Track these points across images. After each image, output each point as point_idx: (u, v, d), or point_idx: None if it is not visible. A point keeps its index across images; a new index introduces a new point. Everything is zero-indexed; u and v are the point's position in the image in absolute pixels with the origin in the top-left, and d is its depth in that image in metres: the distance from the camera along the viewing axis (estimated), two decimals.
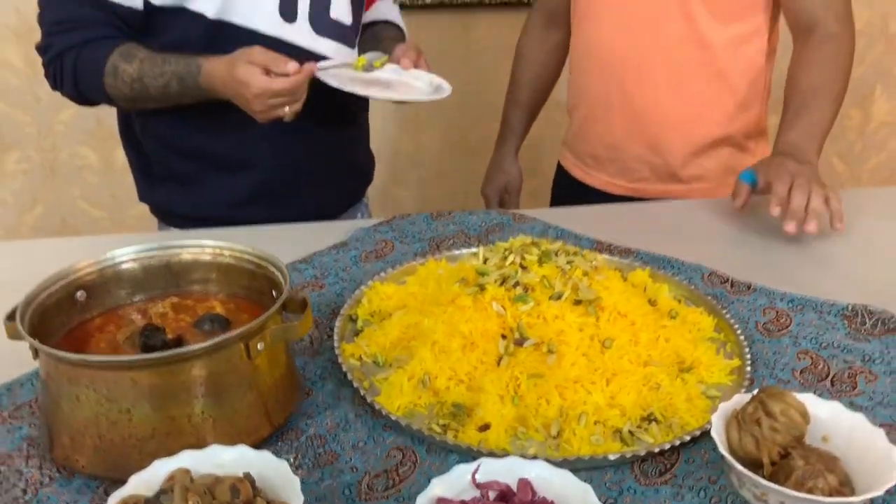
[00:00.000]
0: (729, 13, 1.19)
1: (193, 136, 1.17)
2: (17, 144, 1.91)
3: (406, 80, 1.11)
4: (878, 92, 2.23)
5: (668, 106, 1.24)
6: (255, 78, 1.00)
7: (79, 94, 1.13)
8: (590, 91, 1.31)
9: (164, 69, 1.07)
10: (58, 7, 1.10)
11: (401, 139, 2.07)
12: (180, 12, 1.09)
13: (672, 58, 1.21)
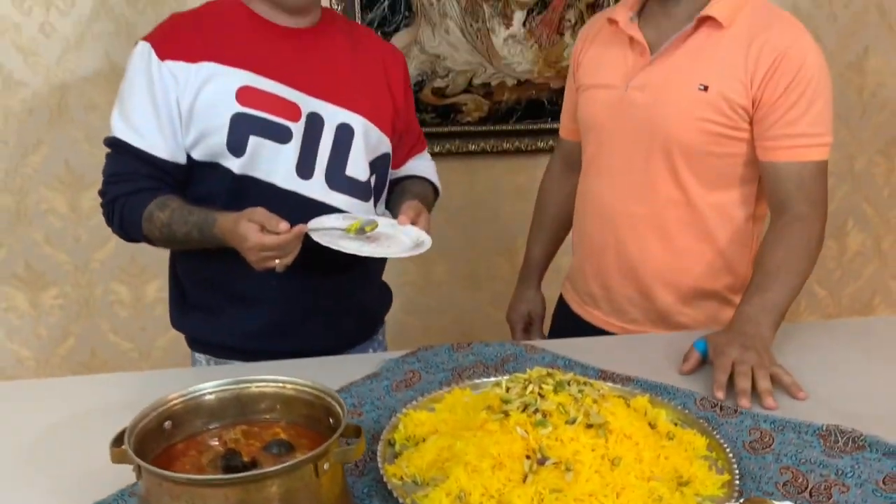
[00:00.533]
0: (714, 182, 1.33)
1: (217, 272, 1.35)
2: (56, 282, 2.06)
3: (394, 235, 1.27)
4: (850, 224, 2.44)
5: (658, 258, 1.38)
6: (250, 233, 1.17)
7: (124, 233, 1.34)
8: (588, 235, 1.47)
9: (188, 219, 1.26)
10: (116, 162, 1.32)
11: (411, 271, 2.24)
12: (214, 167, 1.30)
13: (662, 215, 1.36)
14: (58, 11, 1.88)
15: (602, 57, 1.41)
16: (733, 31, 1.28)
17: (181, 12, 1.37)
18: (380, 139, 1.39)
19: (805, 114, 1.26)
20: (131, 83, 1.29)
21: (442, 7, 2.02)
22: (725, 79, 1.27)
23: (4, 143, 1.94)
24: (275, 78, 1.28)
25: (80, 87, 1.94)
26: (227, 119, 1.26)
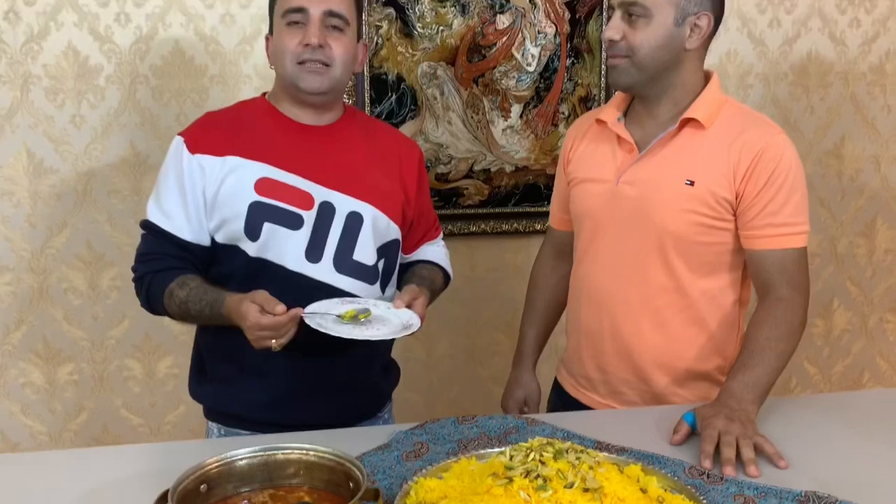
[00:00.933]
0: (702, 269, 1.43)
1: (233, 347, 1.44)
2: (72, 358, 2.15)
3: (386, 317, 1.36)
4: (836, 304, 2.55)
5: (653, 341, 1.47)
6: (250, 313, 1.28)
7: (149, 307, 1.46)
8: (584, 320, 1.55)
9: (202, 298, 1.38)
10: (147, 243, 1.46)
11: (415, 348, 2.33)
12: (232, 249, 1.43)
13: (654, 301, 1.45)
14: (88, 104, 2.04)
15: (593, 153, 1.53)
16: (714, 131, 1.41)
17: (215, 111, 1.53)
18: (389, 226, 1.51)
19: (785, 205, 1.38)
20: (166, 172, 1.43)
21: (445, 101, 2.18)
22: (710, 174, 1.39)
23: (32, 225, 2.06)
24: (291, 170, 1.42)
25: (104, 173, 2.07)
26: (245, 207, 1.39)
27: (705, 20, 1.39)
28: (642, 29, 1.37)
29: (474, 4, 2.14)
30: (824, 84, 2.41)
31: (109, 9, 2.01)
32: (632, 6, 1.37)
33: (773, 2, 2.33)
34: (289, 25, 1.41)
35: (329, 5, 1.40)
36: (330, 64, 1.41)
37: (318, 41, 1.38)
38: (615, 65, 1.41)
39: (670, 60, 1.40)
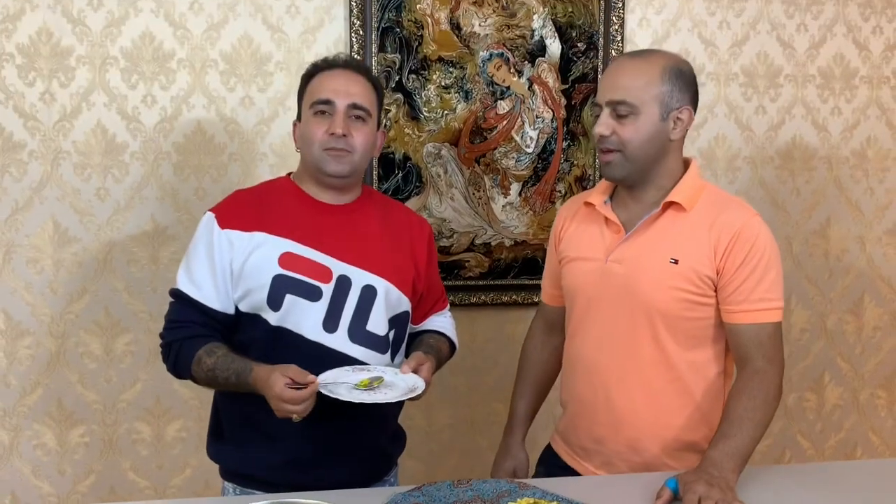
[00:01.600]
0: (688, 342, 1.52)
1: (250, 411, 1.54)
2: (84, 420, 2.23)
3: (394, 383, 1.47)
4: (826, 379, 2.62)
5: (644, 413, 1.54)
6: (276, 385, 1.39)
7: (176, 373, 1.56)
8: (579, 393, 1.63)
9: (229, 366, 1.48)
10: (176, 310, 1.57)
11: (416, 417, 2.40)
12: (255, 318, 1.54)
13: (646, 374, 1.53)
14: (113, 178, 2.18)
15: (583, 233, 1.64)
16: (694, 214, 1.52)
17: (243, 189, 1.68)
18: (400, 299, 1.62)
19: (760, 282, 1.48)
20: (196, 245, 1.56)
21: (448, 179, 2.31)
22: (693, 254, 1.50)
23: (54, 291, 2.17)
24: (312, 246, 1.54)
25: (124, 243, 2.20)
26: (269, 279, 1.51)
27: (686, 113, 1.53)
28: (631, 125, 1.49)
29: (477, 91, 2.30)
30: (809, 168, 2.54)
31: (137, 91, 2.16)
32: (619, 105, 1.49)
33: (758, 90, 2.49)
34: (316, 115, 1.56)
35: (353, 99, 1.55)
36: (352, 151, 1.55)
37: (342, 131, 1.53)
38: (608, 160, 1.53)
39: (657, 152, 1.53)
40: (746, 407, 1.44)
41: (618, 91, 1.50)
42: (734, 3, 2.45)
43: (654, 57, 1.55)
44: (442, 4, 2.25)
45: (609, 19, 2.35)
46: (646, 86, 1.49)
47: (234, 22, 2.20)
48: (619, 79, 1.51)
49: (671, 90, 1.50)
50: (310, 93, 1.59)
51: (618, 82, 1.50)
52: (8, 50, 2.09)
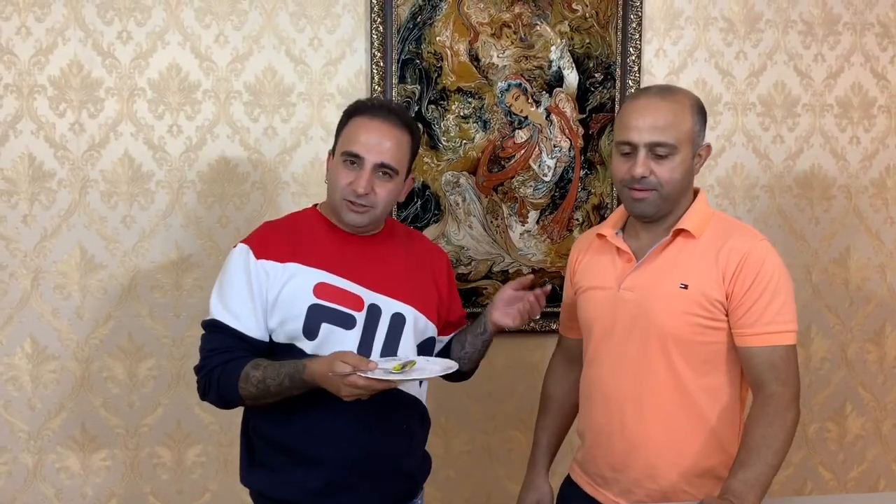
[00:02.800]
0: (702, 367, 1.55)
1: (283, 435, 1.58)
2: (107, 444, 2.27)
3: (426, 366, 1.51)
4: (848, 409, 2.61)
5: (659, 439, 1.56)
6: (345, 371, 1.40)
7: (219, 398, 1.57)
8: (596, 421, 1.66)
9: (280, 371, 1.52)
10: (214, 339, 1.60)
11: (433, 443, 2.41)
12: (290, 348, 1.58)
13: (660, 399, 1.56)
14: (139, 206, 2.24)
15: (596, 264, 1.69)
16: (703, 240, 1.57)
17: (271, 221, 1.73)
18: (426, 325, 1.68)
19: (769, 305, 1.50)
20: (231, 276, 1.60)
21: (467, 207, 2.35)
22: (702, 278, 1.54)
23: (80, 317, 2.23)
24: (344, 276, 1.59)
25: (149, 270, 2.25)
26: (304, 308, 1.55)
27: (706, 149, 1.61)
28: (668, 165, 1.53)
29: (495, 121, 2.34)
30: (827, 197, 2.55)
31: (164, 121, 2.23)
32: (659, 146, 1.53)
33: (776, 120, 2.51)
34: (345, 163, 1.61)
35: (383, 158, 1.59)
36: (373, 207, 1.61)
37: (364, 191, 1.58)
38: (643, 198, 1.56)
39: (686, 188, 1.59)
40: (764, 434, 1.45)
41: (656, 133, 1.52)
42: (751, 33, 2.48)
43: (681, 96, 1.58)
44: (461, 37, 2.31)
45: (626, 50, 2.39)
46: (681, 125, 1.54)
47: (258, 54, 2.26)
48: (657, 120, 1.53)
49: (699, 128, 1.57)
50: (345, 136, 1.63)
51: (656, 123, 1.52)
52: (40, 82, 2.17)
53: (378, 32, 2.26)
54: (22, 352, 2.22)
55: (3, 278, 2.19)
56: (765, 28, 2.49)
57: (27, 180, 2.18)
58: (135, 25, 2.20)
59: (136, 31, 2.20)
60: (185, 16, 2.22)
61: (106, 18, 2.19)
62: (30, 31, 2.16)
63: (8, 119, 2.16)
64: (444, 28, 2.30)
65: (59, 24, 2.16)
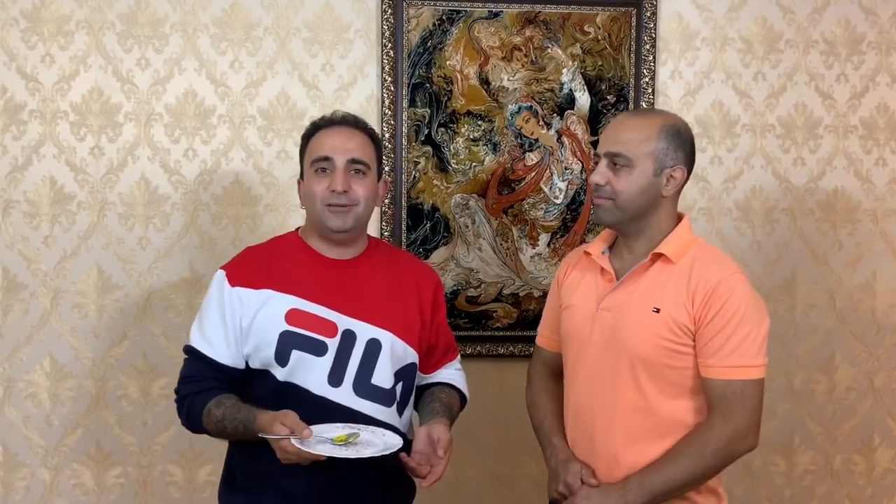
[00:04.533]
0: (669, 390, 1.57)
1: (260, 464, 1.59)
2: (121, 462, 2.33)
3: (373, 440, 1.50)
4: (876, 441, 2.52)
5: (623, 458, 1.58)
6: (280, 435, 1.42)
7: (190, 425, 1.64)
8: (570, 434, 1.69)
9: (236, 416, 1.55)
10: (189, 366, 1.65)
11: None
12: (264, 373, 1.61)
13: (627, 419, 1.58)
14: (154, 228, 2.31)
15: (580, 281, 1.72)
16: (680, 267, 1.59)
17: (254, 246, 1.78)
18: (405, 351, 1.67)
19: (729, 339, 1.52)
20: (208, 302, 1.65)
21: (476, 229, 2.37)
22: (673, 304, 1.56)
23: (96, 336, 2.31)
24: (318, 301, 1.61)
25: (163, 290, 2.32)
26: (276, 335, 1.58)
27: (679, 172, 1.61)
28: (625, 177, 1.59)
29: (505, 143, 2.36)
30: (852, 220, 2.50)
31: (180, 145, 2.31)
32: (616, 157, 1.59)
33: (796, 142, 2.47)
34: (317, 172, 1.64)
35: (351, 154, 1.63)
36: (354, 204, 1.62)
37: (342, 188, 1.61)
38: (600, 205, 1.63)
39: (648, 205, 1.61)
40: (678, 448, 1.54)
41: (616, 144, 1.60)
42: (770, 54, 2.46)
43: (654, 116, 1.67)
44: (471, 60, 2.34)
45: (640, 72, 2.40)
46: (642, 142, 1.59)
47: (271, 80, 2.33)
48: (619, 133, 1.61)
49: (666, 148, 1.59)
50: (310, 151, 1.68)
51: (617, 136, 1.61)
52: (63, 108, 2.27)
53: (389, 57, 2.31)
54: (41, 369, 2.30)
55: (24, 297, 2.28)
56: (784, 48, 2.46)
57: (48, 203, 2.27)
58: (153, 52, 2.29)
59: (155, 57, 2.29)
60: (201, 43, 2.30)
61: (126, 46, 2.28)
62: (53, 59, 2.26)
63: (32, 144, 2.26)
64: (455, 52, 2.33)
65: (81, 52, 2.26)
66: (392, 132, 2.31)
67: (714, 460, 1.53)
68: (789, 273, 2.48)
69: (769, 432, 2.46)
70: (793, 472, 2.51)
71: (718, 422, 1.52)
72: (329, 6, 2.33)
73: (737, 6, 2.44)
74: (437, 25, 2.32)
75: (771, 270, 2.47)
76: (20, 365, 2.29)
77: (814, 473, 2.52)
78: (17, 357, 2.29)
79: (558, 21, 2.36)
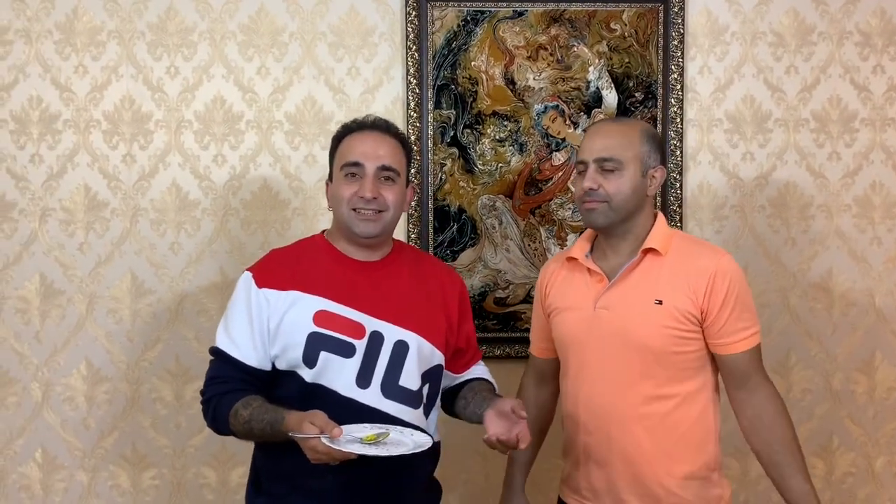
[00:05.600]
0: (679, 375, 1.67)
1: (286, 466, 1.61)
2: (156, 464, 2.38)
3: (400, 439, 1.51)
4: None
5: (644, 447, 1.65)
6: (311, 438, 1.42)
7: (216, 427, 1.65)
8: (580, 437, 1.73)
9: (263, 417, 1.55)
10: (216, 368, 1.67)
11: (472, 468, 2.42)
12: (291, 374, 1.62)
13: (641, 410, 1.65)
14: (185, 233, 2.36)
15: (569, 286, 1.77)
16: (670, 257, 1.69)
17: (279, 248, 1.80)
18: (432, 352, 1.69)
19: (742, 315, 1.67)
20: (234, 304, 1.67)
21: (503, 230, 2.37)
22: (674, 294, 1.66)
23: (130, 340, 2.36)
24: (346, 303, 1.63)
25: (195, 294, 2.37)
26: (304, 337, 1.59)
27: (660, 172, 1.74)
28: (616, 180, 1.68)
29: (531, 143, 2.36)
30: (891, 216, 2.44)
31: (209, 151, 2.36)
32: (607, 161, 1.69)
33: (831, 136, 2.43)
34: (346, 177, 1.66)
35: (382, 161, 1.65)
36: (384, 210, 1.64)
37: (371, 194, 1.63)
38: (594, 208, 1.70)
39: (636, 205, 1.72)
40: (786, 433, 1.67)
41: (605, 150, 1.69)
42: (802, 46, 2.42)
43: (631, 122, 1.87)
44: (496, 61, 2.34)
45: (668, 68, 2.38)
46: (628, 146, 1.70)
47: (298, 84, 2.36)
48: (605, 140, 1.71)
49: (648, 150, 1.72)
50: (340, 154, 1.69)
51: (605, 143, 1.70)
52: (95, 117, 2.33)
53: (414, 60, 2.33)
54: (78, 373, 2.36)
55: (61, 303, 2.34)
56: (818, 41, 2.42)
57: (83, 210, 2.33)
58: (182, 60, 2.34)
59: (184, 65, 2.34)
60: (228, 50, 2.34)
61: (155, 55, 2.33)
62: (86, 70, 2.32)
63: (66, 153, 2.33)
64: (480, 53, 2.34)
65: (112, 62, 2.32)
66: (418, 134, 2.33)
67: (784, 407, 1.70)
68: (825, 270, 2.43)
69: (806, 433, 2.43)
70: (832, 475, 2.47)
71: (764, 381, 1.69)
72: (354, 10, 2.36)
73: None
74: (462, 26, 2.33)
75: (807, 267, 2.43)
76: (58, 369, 2.35)
77: (854, 476, 2.47)
78: (54, 361, 2.35)
79: (584, 19, 2.35)
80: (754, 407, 1.68)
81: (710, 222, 2.42)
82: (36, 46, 2.31)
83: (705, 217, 2.42)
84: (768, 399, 1.68)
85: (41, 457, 2.36)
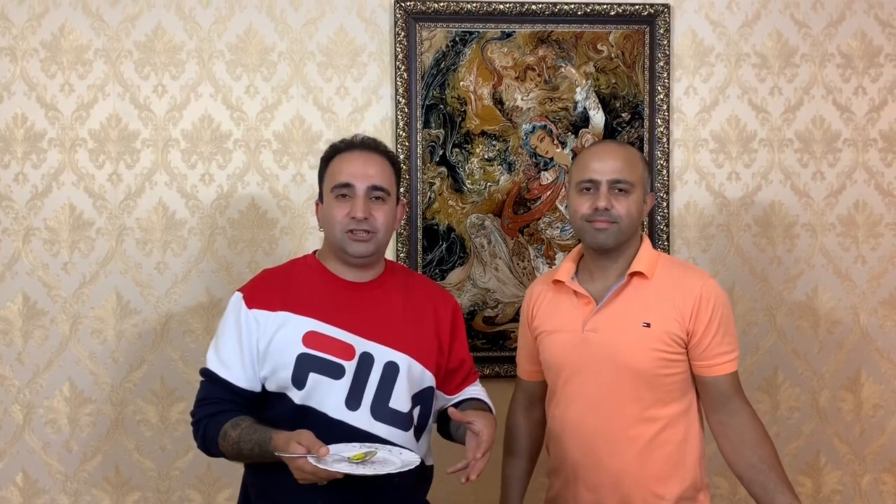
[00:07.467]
0: (666, 397, 1.71)
1: (274, 487, 1.62)
2: (140, 487, 2.36)
3: (390, 459, 1.52)
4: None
5: (631, 468, 1.68)
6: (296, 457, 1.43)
7: (206, 448, 1.66)
8: (569, 457, 1.75)
9: (251, 437, 1.56)
10: (205, 389, 1.68)
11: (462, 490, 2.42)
12: (281, 396, 1.63)
13: (629, 431, 1.68)
14: (172, 253, 2.36)
15: (556, 309, 1.81)
16: (656, 281, 1.74)
17: (270, 268, 1.82)
18: (423, 374, 1.70)
19: (724, 337, 1.72)
20: (225, 325, 1.68)
21: (492, 249, 2.39)
22: (662, 317, 1.71)
23: (115, 361, 2.35)
24: (335, 324, 1.64)
25: (181, 315, 2.36)
26: (293, 358, 1.60)
27: (650, 198, 1.84)
28: (626, 200, 1.74)
29: (520, 162, 2.39)
30: (874, 234, 2.50)
31: (196, 170, 2.36)
32: (620, 183, 1.74)
33: (815, 156, 2.48)
34: (337, 198, 1.67)
35: (372, 181, 1.67)
36: (374, 231, 1.66)
37: (363, 215, 1.64)
38: (604, 228, 1.73)
39: (638, 227, 1.79)
40: (764, 456, 1.69)
41: (617, 171, 1.74)
42: (785, 68, 2.48)
43: (628, 146, 1.95)
44: (485, 81, 2.38)
45: (654, 89, 2.42)
46: (635, 168, 1.77)
47: (286, 104, 2.39)
48: (617, 161, 1.76)
49: (646, 176, 1.81)
50: (330, 175, 1.71)
51: (617, 164, 1.75)
52: (81, 135, 2.33)
53: (402, 79, 2.35)
54: (61, 395, 2.34)
55: (44, 324, 2.33)
56: (801, 62, 2.48)
57: (68, 229, 2.33)
58: (169, 79, 2.35)
59: (171, 84, 2.35)
60: (216, 68, 2.36)
61: (143, 73, 2.34)
62: (73, 88, 2.33)
63: (51, 171, 2.33)
64: (468, 73, 2.37)
65: (99, 81, 2.33)
66: (407, 153, 2.35)
67: (766, 431, 1.73)
68: (811, 289, 2.48)
69: (794, 451, 2.46)
70: (819, 493, 2.50)
71: (743, 405, 1.72)
72: (343, 30, 2.39)
73: (751, 21, 2.47)
74: (451, 47, 2.37)
75: (793, 286, 2.47)
76: (40, 391, 2.34)
77: (841, 493, 2.50)
78: (36, 383, 2.33)
79: (571, 40, 2.40)
80: (735, 429, 1.71)
81: (697, 241, 2.46)
82: (21, 64, 2.31)
83: (692, 236, 2.46)
84: (750, 421, 1.71)
85: (22, 481, 2.34)
